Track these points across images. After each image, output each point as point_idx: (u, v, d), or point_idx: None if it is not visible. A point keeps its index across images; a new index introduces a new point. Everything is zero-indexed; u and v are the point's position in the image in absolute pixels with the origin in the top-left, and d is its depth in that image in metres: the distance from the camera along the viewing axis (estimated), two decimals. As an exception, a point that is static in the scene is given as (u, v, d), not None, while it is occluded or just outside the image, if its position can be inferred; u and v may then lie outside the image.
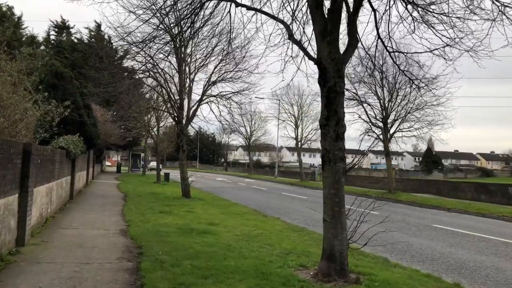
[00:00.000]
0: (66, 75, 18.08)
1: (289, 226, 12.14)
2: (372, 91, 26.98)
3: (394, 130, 27.10)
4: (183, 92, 17.84)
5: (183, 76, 17.87)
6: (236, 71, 16.82)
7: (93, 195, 18.49)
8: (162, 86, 17.88)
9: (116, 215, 12.51)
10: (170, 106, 18.53)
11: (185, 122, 18.29)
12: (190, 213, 13.38)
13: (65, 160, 13.85)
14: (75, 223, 10.62)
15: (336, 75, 5.93)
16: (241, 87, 17.21)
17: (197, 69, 17.88)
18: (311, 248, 8.84)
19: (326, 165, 6.03)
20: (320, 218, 14.23)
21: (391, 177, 27.04)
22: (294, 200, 22.21)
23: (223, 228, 10.73)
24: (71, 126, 17.98)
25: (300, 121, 39.52)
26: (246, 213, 14.53)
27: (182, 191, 18.26)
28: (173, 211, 13.75)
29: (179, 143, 18.27)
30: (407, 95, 25.88)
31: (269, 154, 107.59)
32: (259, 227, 11.32)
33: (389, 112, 26.65)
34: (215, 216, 13.06)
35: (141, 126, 32.44)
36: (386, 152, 27.20)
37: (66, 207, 13.71)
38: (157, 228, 10.22)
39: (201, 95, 17.88)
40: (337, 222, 5.86)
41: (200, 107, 18.53)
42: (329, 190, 5.99)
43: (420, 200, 23.14)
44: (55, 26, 47.75)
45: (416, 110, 25.97)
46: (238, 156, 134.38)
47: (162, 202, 16.21)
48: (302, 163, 42.49)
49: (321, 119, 6.01)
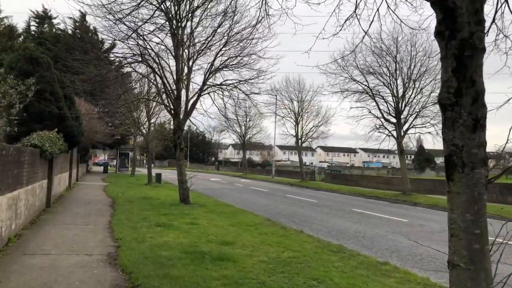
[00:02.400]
0: (43, 60, 15.41)
1: (320, 243, 9.72)
2: (385, 83, 24.72)
3: (407, 126, 24.86)
4: (181, 81, 15.29)
5: (180, 62, 15.33)
6: (245, 56, 14.33)
7: (76, 202, 15.85)
8: (156, 73, 15.29)
9: (102, 230, 9.95)
10: (165, 97, 15.97)
11: (183, 116, 15.75)
12: (194, 226, 10.87)
13: (38, 161, 11.24)
14: (48, 245, 8.06)
15: (472, 20, 3.50)
16: (251, 75, 14.69)
17: (198, 54, 15.32)
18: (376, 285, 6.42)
19: (456, 172, 3.60)
20: (346, 229, 11.68)
21: (405, 177, 24.82)
22: (303, 204, 19.81)
23: (241, 249, 8.28)
24: (49, 121, 15.37)
25: (301, 117, 37.12)
26: (259, 224, 12.09)
27: (180, 196, 15.74)
28: (173, 223, 11.22)
29: (176, 140, 15.72)
30: (424, 87, 23.67)
31: (260, 153, 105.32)
32: (286, 246, 8.89)
33: (404, 106, 24.40)
34: (225, 230, 10.58)
35: (130, 123, 29.75)
36: (400, 150, 24.96)
37: (40, 219, 11.11)
38: (157, 251, 7.72)
39: (202, 84, 15.34)
40: (479, 270, 3.43)
41: (200, 100, 15.98)
42: (462, 214, 3.56)
43: (442, 203, 20.90)
44: (36, 17, 44.69)
45: (434, 104, 23.73)
46: (229, 154, 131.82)
47: (157, 210, 13.66)
48: (302, 162, 40.11)
49: (445, 95, 3.57)
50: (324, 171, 44.59)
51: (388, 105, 24.75)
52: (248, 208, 17.03)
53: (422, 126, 24.80)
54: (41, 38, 40.84)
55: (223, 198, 21.30)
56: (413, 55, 23.20)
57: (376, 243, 10.70)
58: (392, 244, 10.70)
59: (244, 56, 14.53)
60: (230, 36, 14.33)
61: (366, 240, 11.08)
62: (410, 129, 25.10)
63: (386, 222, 14.79)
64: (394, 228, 13.30)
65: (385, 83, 24.81)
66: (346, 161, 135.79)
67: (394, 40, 23.65)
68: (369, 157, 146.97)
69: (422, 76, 23.17)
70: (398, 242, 10.94)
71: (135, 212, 13.07)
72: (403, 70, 23.77)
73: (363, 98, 25.35)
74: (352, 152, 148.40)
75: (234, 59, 14.85)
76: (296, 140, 38.05)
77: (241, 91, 14.90)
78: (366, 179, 34.07)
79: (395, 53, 23.71)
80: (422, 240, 11.23)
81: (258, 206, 18.21)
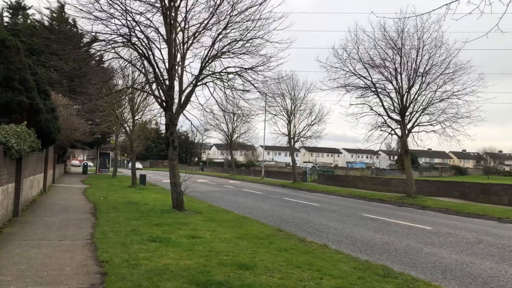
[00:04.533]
0: (11, 43, 13.13)
1: (357, 262, 7.86)
2: (388, 78, 23.09)
3: (412, 124, 23.26)
4: (174, 68, 13.25)
5: (173, 47, 13.27)
6: (249, 39, 12.29)
7: (51, 208, 13.63)
8: (146, 58, 13.17)
9: (82, 249, 7.87)
10: (156, 87, 13.88)
11: (176, 109, 13.69)
12: (197, 241, 8.86)
13: (2, 161, 9.06)
14: (7, 274, 5.97)
15: None
16: (256, 62, 12.62)
17: (194, 38, 13.26)
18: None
19: None
20: (370, 240, 9.81)
21: (410, 179, 23.21)
22: (307, 209, 17.96)
23: (267, 276, 6.35)
24: (19, 114, 13.13)
25: (293, 116, 35.26)
26: (271, 236, 10.17)
27: (173, 202, 13.67)
28: (170, 236, 9.20)
29: (169, 136, 13.65)
30: (431, 82, 22.10)
31: (244, 153, 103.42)
32: (319, 268, 7.00)
33: (409, 103, 22.80)
34: (235, 246, 8.62)
35: (112, 120, 27.39)
36: (404, 150, 23.35)
37: (2, 234, 8.93)
38: (157, 281, 5.72)
39: (198, 72, 13.28)
40: None
41: (195, 92, 13.92)
42: None
43: (453, 207, 19.37)
44: (9, 7, 41.72)
45: (441, 100, 22.22)
46: (212, 155, 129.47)
47: (148, 219, 11.57)
48: (295, 162, 38.29)
49: None
50: (315, 171, 42.91)
51: (393, 102, 23.11)
52: (248, 214, 15.12)
53: (428, 124, 23.25)
54: (15, 30, 38.07)
55: (217, 202, 19.31)
56: (420, 47, 21.62)
57: (416, 259, 8.89)
58: (435, 260, 8.91)
59: (248, 40, 12.52)
60: (232, 16, 12.34)
61: (401, 255, 9.27)
62: (415, 127, 23.51)
63: (408, 230, 13.05)
64: (422, 238, 11.55)
65: (388, 78, 23.19)
66: (329, 162, 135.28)
67: (400, 32, 22.08)
68: (353, 158, 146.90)
69: (431, 69, 21.59)
70: (440, 257, 9.16)
71: (122, 222, 10.97)
72: (408, 63, 22.17)
73: (365, 94, 23.67)
74: (336, 153, 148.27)
75: (235, 43, 12.84)
76: (288, 139, 36.19)
77: (246, 80, 12.85)
78: (362, 180, 32.46)
79: (400, 45, 22.10)
80: (465, 254, 9.53)
81: (259, 212, 16.28)
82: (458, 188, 24.22)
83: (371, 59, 22.79)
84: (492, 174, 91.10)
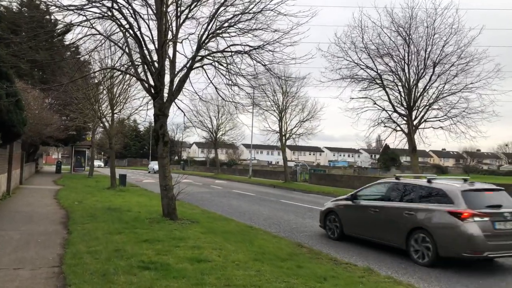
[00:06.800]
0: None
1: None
2: (393, 69, 21.20)
3: (419, 120, 21.42)
4: (165, 46, 10.90)
5: (164, 23, 10.92)
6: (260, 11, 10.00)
7: (11, 217, 11.10)
8: (129, 33, 10.75)
9: (45, 283, 5.51)
10: (143, 70, 11.46)
11: (168, 97, 11.34)
12: (204, 267, 6.59)
13: None
14: None
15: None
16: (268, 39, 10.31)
17: (189, 9, 10.91)
18: None
19: None
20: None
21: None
22: (315, 215, 15.74)
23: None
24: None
25: (284, 112, 33.07)
26: (295, 256, 8.00)
27: (164, 209, 11.32)
28: (167, 259, 6.90)
29: (158, 130, 11.28)
30: (442, 73, 20.30)
31: (226, 152, 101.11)
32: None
33: (418, 96, 20.95)
34: (256, 274, 6.40)
35: (89, 113, 24.71)
36: (412, 147, 21.49)
37: None
38: None
39: (196, 49, 10.92)
40: None
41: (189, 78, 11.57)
42: None
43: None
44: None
45: (452, 94, 20.42)
46: (193, 153, 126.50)
47: (135, 232, 9.19)
48: (286, 161, 36.18)
49: None
50: (306, 170, 40.92)
51: (401, 95, 21.20)
52: (249, 221, 13.01)
53: (436, 120, 21.43)
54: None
55: (209, 206, 17.02)
56: (432, 34, 19.76)
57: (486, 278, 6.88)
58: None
59: (256, 12, 10.24)
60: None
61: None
62: (422, 123, 21.65)
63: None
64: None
65: (394, 70, 21.29)
66: (312, 160, 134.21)
67: (408, 19, 20.21)
68: (334, 156, 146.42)
69: (443, 59, 19.73)
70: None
71: (102, 237, 8.59)
72: (419, 53, 20.29)
73: (370, 86, 21.68)
74: (318, 151, 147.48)
75: (241, 16, 10.52)
76: (280, 137, 33.99)
77: (256, 61, 10.53)
78: (358, 180, 30.56)
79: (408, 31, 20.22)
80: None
81: (261, 219, 14.08)
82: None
83: (376, 48, 20.83)
84: (472, 173, 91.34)
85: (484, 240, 7.61)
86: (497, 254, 7.95)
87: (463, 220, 7.81)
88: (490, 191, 8.91)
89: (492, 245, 7.66)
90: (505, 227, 7.91)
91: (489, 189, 9.00)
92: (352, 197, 10.55)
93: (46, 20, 29.66)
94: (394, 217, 9.07)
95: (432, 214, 8.35)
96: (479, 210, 7.90)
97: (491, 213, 7.92)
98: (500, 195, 8.71)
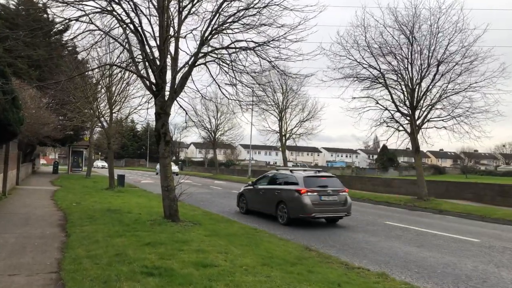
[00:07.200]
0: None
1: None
2: (396, 68, 20.88)
3: (422, 120, 21.10)
4: (167, 42, 10.55)
5: (165, 19, 10.57)
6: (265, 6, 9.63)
7: (6, 220, 10.71)
8: (129, 29, 10.38)
9: (42, 293, 5.16)
10: (144, 67, 11.08)
11: (169, 94, 10.98)
12: (212, 272, 6.24)
13: None
14: None
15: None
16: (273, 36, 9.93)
17: (192, 4, 10.54)
18: None
19: None
20: (421, 259, 7.35)
21: (422, 180, 21.06)
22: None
23: None
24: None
25: (284, 112, 32.71)
26: (304, 259, 7.67)
27: (166, 210, 10.95)
28: (172, 265, 6.54)
29: (160, 129, 10.91)
30: (445, 72, 19.99)
31: (224, 152, 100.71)
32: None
33: (421, 95, 20.63)
34: (267, 280, 6.08)
35: (87, 113, 24.28)
36: (415, 148, 21.18)
37: None
38: None
39: (198, 46, 10.56)
40: None
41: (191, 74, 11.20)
42: None
43: (476, 211, 17.28)
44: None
45: (456, 93, 20.10)
46: (190, 154, 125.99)
47: (136, 235, 8.82)
48: (287, 162, 35.82)
49: None
50: (306, 171, 40.55)
51: (404, 94, 20.88)
52: (251, 223, 12.61)
53: (440, 120, 21.12)
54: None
55: (210, 207, 16.72)
56: (435, 33, 19.47)
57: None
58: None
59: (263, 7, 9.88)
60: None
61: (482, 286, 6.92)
62: (425, 123, 21.33)
63: (453, 243, 10.75)
64: (482, 256, 9.26)
65: (397, 69, 20.97)
66: (309, 161, 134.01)
67: (411, 17, 19.91)
68: (332, 157, 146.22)
69: (447, 58, 19.43)
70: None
71: (102, 241, 8.22)
72: (422, 52, 19.99)
73: (372, 86, 21.35)
74: (316, 152, 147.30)
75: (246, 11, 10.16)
76: (280, 137, 33.62)
77: (261, 57, 10.15)
78: (360, 181, 30.21)
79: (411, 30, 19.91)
80: None
81: (263, 220, 13.73)
82: (471, 190, 22.27)
83: (379, 47, 20.51)
84: (470, 173, 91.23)
85: (313, 207, 12.22)
86: (321, 215, 12.70)
87: (301, 195, 12.33)
88: (324, 177, 13.39)
89: (317, 210, 12.32)
90: (328, 199, 12.62)
91: (323, 176, 13.52)
92: (253, 184, 15.40)
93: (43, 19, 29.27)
94: (270, 195, 13.74)
95: (288, 192, 12.90)
96: (311, 188, 12.46)
97: (319, 190, 12.52)
98: (330, 180, 13.28)
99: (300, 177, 12.87)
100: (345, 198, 13.01)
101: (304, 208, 12.16)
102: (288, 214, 12.56)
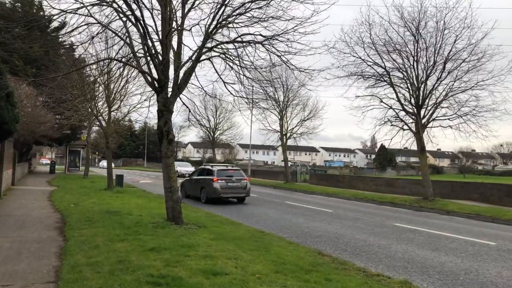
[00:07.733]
0: None
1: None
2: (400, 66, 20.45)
3: (427, 118, 20.65)
4: (170, 36, 10.05)
5: (168, 11, 10.07)
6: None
7: (1, 222, 10.18)
8: (130, 21, 9.86)
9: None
10: (145, 62, 10.57)
11: (172, 90, 10.48)
12: (223, 281, 5.74)
13: None
14: None
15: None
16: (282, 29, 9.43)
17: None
18: None
19: None
20: (449, 269, 6.79)
21: (427, 180, 20.64)
22: (324, 217, 14.99)
23: None
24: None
25: (285, 111, 32.20)
26: (319, 266, 7.22)
27: (169, 212, 10.46)
28: (179, 273, 6.04)
29: (162, 127, 10.41)
30: (452, 70, 19.55)
31: (222, 152, 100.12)
32: None
33: (428, 94, 20.19)
34: (284, 288, 5.59)
35: (84, 112, 23.72)
36: (421, 147, 20.73)
37: None
38: None
39: (203, 39, 10.06)
40: None
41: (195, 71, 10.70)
42: None
43: (485, 212, 16.86)
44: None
45: (463, 91, 19.67)
46: (188, 153, 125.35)
47: (139, 239, 8.32)
48: (287, 162, 35.32)
49: None
50: (307, 171, 40.04)
51: (409, 93, 20.43)
52: (256, 224, 12.22)
53: (446, 118, 20.67)
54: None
55: (212, 208, 16.17)
56: (442, 29, 19.02)
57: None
58: None
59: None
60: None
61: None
62: (430, 122, 20.88)
63: (470, 246, 10.30)
64: (504, 261, 8.80)
65: (402, 67, 20.52)
66: (307, 160, 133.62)
67: (417, 13, 19.46)
68: (330, 156, 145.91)
69: (454, 56, 18.99)
70: None
71: (102, 246, 7.72)
72: (428, 49, 19.55)
73: (377, 84, 20.91)
74: (314, 151, 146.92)
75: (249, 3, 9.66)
76: (281, 136, 33.13)
77: (270, 52, 9.66)
78: (362, 181, 29.76)
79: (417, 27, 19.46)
80: None
81: (270, 222, 13.29)
82: (477, 190, 21.85)
83: (384, 44, 20.05)
84: (468, 173, 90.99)
85: (220, 190, 17.94)
86: (227, 196, 18.35)
87: (214, 182, 17.98)
88: (231, 170, 19.48)
89: (224, 192, 18.06)
90: (233, 184, 18.36)
91: (231, 169, 19.61)
92: (190, 175, 21.52)
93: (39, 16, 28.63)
94: (197, 183, 19.30)
95: (207, 180, 18.51)
96: (221, 177, 18.22)
97: (226, 178, 18.31)
98: (236, 172, 19.26)
99: (215, 170, 18.59)
100: (246, 184, 18.73)
101: (215, 191, 17.92)
102: (206, 195, 18.37)
